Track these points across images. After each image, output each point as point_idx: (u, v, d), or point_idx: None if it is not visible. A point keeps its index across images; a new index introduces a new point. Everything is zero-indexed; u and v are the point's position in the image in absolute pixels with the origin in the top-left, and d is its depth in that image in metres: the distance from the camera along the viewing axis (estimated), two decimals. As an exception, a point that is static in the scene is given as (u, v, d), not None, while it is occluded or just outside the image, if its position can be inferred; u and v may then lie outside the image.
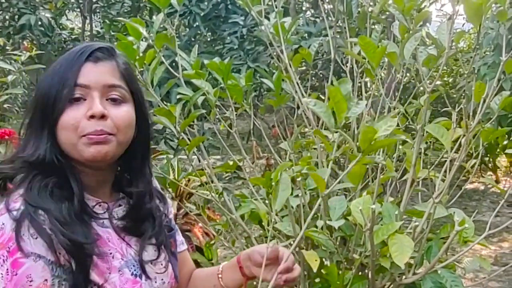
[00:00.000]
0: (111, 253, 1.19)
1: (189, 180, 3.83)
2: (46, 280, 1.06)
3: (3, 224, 1.08)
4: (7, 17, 8.01)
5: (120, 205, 1.28)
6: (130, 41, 2.24)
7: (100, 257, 1.15)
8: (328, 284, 1.90)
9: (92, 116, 1.14)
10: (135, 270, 1.22)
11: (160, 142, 5.67)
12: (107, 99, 1.18)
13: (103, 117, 1.15)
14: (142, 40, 2.27)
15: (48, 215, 1.09)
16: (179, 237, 1.46)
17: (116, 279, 1.17)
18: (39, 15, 7.61)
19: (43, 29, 7.74)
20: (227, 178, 5.22)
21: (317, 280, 2.05)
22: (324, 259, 1.96)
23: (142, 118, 1.25)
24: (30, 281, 1.05)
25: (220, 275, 1.42)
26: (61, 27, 9.28)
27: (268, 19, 2.45)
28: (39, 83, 1.22)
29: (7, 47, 7.64)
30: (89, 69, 1.17)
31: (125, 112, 1.19)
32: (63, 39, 8.98)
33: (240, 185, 5.36)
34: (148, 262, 1.26)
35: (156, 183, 1.42)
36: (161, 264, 1.30)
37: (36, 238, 1.06)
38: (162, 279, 1.29)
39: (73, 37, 9.69)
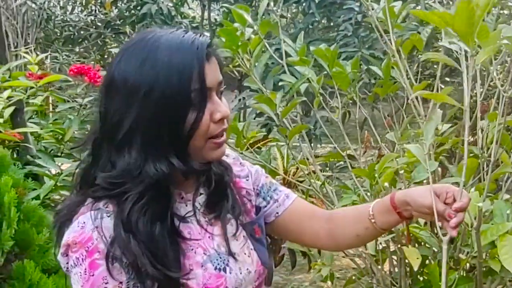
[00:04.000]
0: (192, 249, 1.16)
1: (297, 169, 3.81)
2: (121, 283, 1.06)
3: (84, 223, 1.08)
4: (131, 6, 8.36)
5: (201, 193, 1.24)
6: (235, 27, 2.24)
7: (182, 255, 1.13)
8: (431, 284, 1.79)
9: (220, 119, 1.13)
10: (218, 264, 1.18)
11: (272, 130, 5.65)
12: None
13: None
14: (247, 27, 2.26)
15: (137, 240, 1.06)
16: (280, 193, 1.39)
17: (200, 275, 1.14)
18: (160, 4, 7.88)
19: (163, 17, 8.01)
20: (339, 167, 5.13)
21: (420, 278, 1.95)
22: (428, 258, 1.86)
23: None
24: (106, 283, 1.05)
25: (373, 220, 1.29)
26: (182, 15, 9.53)
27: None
28: (145, 83, 1.07)
29: (133, 36, 7.97)
30: (208, 70, 1.11)
31: (226, 103, 1.17)
32: (183, 27, 9.21)
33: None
34: (231, 239, 1.23)
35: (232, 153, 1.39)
36: (245, 253, 1.26)
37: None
38: (247, 269, 1.24)
39: (194, 25, 9.93)
